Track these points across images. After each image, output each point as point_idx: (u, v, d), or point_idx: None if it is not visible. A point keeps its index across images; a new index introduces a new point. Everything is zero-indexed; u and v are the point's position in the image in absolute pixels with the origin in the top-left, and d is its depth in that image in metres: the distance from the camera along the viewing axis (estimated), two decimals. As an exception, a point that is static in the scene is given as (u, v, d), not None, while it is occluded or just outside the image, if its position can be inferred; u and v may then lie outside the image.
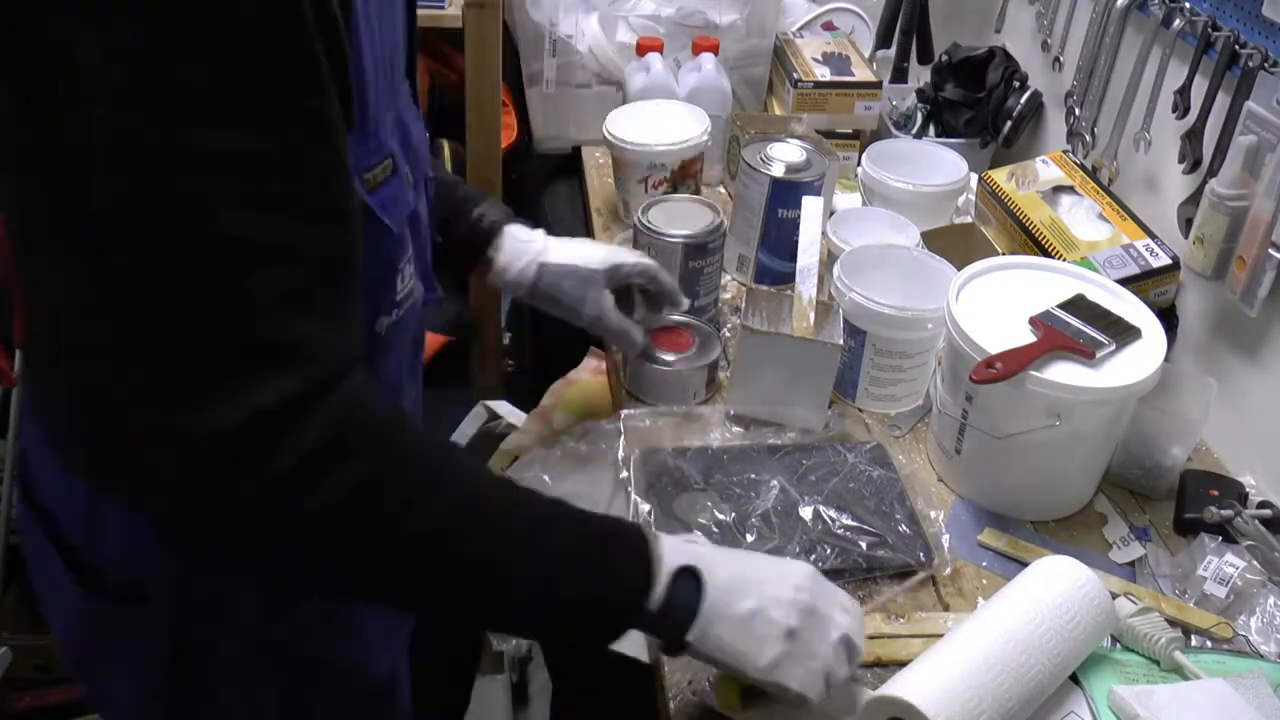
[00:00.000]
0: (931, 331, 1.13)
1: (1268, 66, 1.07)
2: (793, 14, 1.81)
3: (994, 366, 0.97)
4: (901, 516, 1.02)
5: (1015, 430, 1.01)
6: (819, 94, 1.59)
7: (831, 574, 0.96)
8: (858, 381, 1.18)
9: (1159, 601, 0.96)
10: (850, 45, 1.71)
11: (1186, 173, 1.20)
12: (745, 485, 1.04)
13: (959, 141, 1.64)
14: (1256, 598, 0.96)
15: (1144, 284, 1.20)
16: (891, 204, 1.41)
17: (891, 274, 1.19)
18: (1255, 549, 1.00)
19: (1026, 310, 1.04)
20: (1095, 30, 1.38)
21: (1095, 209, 1.30)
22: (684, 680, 0.88)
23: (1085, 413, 1.00)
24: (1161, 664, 0.89)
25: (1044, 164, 1.39)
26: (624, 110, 1.50)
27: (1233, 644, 0.94)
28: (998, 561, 1.01)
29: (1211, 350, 1.20)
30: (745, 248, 1.36)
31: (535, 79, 1.70)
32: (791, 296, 1.14)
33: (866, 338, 1.14)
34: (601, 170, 1.66)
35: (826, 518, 1.01)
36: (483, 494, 0.70)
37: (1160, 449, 1.09)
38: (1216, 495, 1.05)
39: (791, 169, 1.30)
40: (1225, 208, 1.09)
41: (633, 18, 1.68)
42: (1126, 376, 0.99)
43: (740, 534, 0.99)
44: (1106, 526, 1.07)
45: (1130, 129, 1.31)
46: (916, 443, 1.16)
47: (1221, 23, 1.15)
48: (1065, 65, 1.52)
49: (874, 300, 1.12)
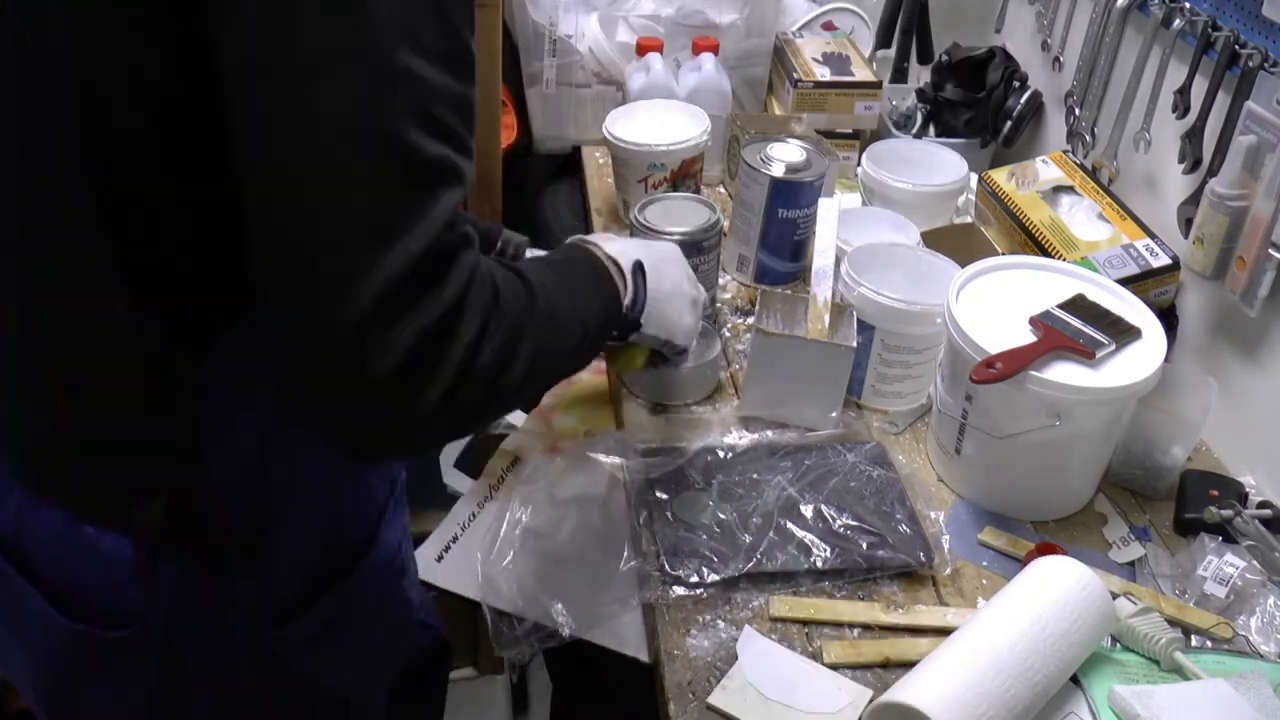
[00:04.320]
0: (939, 326, 1.13)
1: (1268, 66, 1.07)
2: (793, 14, 1.81)
3: (994, 366, 0.97)
4: (901, 516, 1.02)
5: (1015, 430, 1.01)
6: (819, 94, 1.59)
7: (832, 574, 0.97)
8: (864, 379, 1.18)
9: (1159, 601, 0.96)
10: (850, 45, 1.71)
11: (1186, 173, 1.20)
12: (746, 485, 1.04)
13: (959, 141, 1.64)
14: (1256, 598, 0.96)
15: (1144, 284, 1.20)
16: (891, 204, 1.41)
17: (895, 272, 1.19)
18: (1255, 549, 1.00)
19: (1026, 310, 1.04)
20: (1095, 30, 1.38)
21: (1095, 209, 1.30)
22: (684, 680, 0.88)
23: (1085, 413, 1.00)
24: (1162, 664, 0.89)
25: (1044, 164, 1.39)
26: (624, 110, 1.50)
27: (1233, 644, 0.94)
28: (998, 561, 1.01)
29: (1211, 350, 1.20)
30: (745, 248, 1.36)
31: (535, 79, 1.70)
32: (804, 298, 1.14)
33: (874, 333, 1.14)
34: (601, 170, 1.66)
35: (827, 517, 1.01)
36: (549, 302, 0.78)
37: (1160, 449, 1.09)
38: (1216, 495, 1.05)
39: (791, 169, 1.30)
40: (1225, 208, 1.09)
41: (633, 18, 1.68)
42: (1126, 376, 0.99)
43: (741, 533, 0.99)
44: (1106, 526, 1.07)
45: (1130, 129, 1.31)
46: (916, 443, 1.16)
47: (1221, 23, 1.15)
48: (1065, 65, 1.52)
49: (883, 294, 1.12)
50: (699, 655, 0.90)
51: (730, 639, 0.91)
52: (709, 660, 0.89)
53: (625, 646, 1.00)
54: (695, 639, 0.91)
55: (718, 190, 1.62)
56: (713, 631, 0.92)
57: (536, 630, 1.02)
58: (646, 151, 1.42)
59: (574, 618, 1.00)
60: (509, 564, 1.06)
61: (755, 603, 0.95)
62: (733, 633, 0.92)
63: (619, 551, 1.02)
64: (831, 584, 0.97)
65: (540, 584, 1.04)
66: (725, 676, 0.88)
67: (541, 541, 1.09)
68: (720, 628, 0.92)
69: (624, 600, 0.99)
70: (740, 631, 0.92)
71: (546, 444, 1.22)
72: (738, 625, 0.93)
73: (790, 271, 1.37)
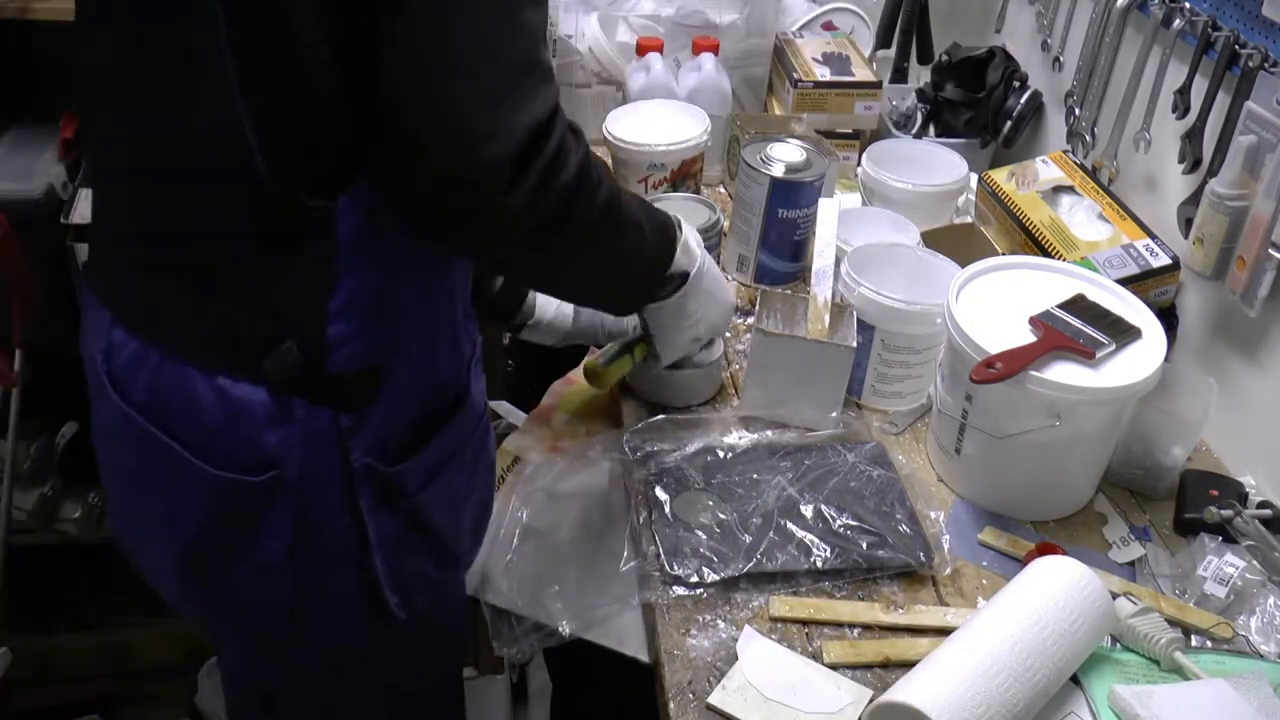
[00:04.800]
0: (939, 326, 1.13)
1: (1268, 66, 1.07)
2: (793, 14, 1.81)
3: (994, 366, 0.97)
4: (901, 516, 1.02)
5: (1015, 430, 1.01)
6: (819, 94, 1.59)
7: (832, 574, 0.97)
8: (864, 379, 1.18)
9: (1159, 601, 0.96)
10: (850, 45, 1.71)
11: (1186, 173, 1.20)
12: (746, 485, 1.04)
13: (959, 141, 1.64)
14: (1256, 598, 0.96)
15: (1144, 284, 1.20)
16: (891, 204, 1.41)
17: (896, 272, 1.19)
18: (1255, 549, 1.00)
19: (1026, 310, 1.04)
20: (1095, 30, 1.38)
21: (1095, 209, 1.30)
22: (684, 680, 0.88)
23: (1085, 413, 1.00)
24: (1162, 664, 0.89)
25: (1044, 164, 1.39)
26: (624, 110, 1.50)
27: (1233, 644, 0.94)
28: (998, 561, 1.01)
29: (1211, 350, 1.20)
30: (745, 248, 1.36)
31: (535, 79, 1.70)
32: (804, 298, 1.14)
33: (874, 333, 1.15)
34: (601, 170, 1.66)
35: (827, 517, 1.01)
36: (624, 198, 0.90)
37: (1160, 449, 1.09)
38: (1216, 495, 1.05)
39: (791, 169, 1.30)
40: (1225, 208, 1.09)
41: (633, 18, 1.68)
42: (1126, 376, 0.99)
43: (741, 533, 0.99)
44: (1106, 526, 1.07)
45: (1130, 129, 1.31)
46: (916, 443, 1.16)
47: (1221, 23, 1.15)
48: (1065, 65, 1.52)
49: (883, 294, 1.12)
50: (699, 655, 0.90)
51: (730, 639, 0.91)
52: (709, 660, 0.90)
53: (625, 646, 1.00)
54: (695, 639, 0.91)
55: (718, 190, 1.62)
56: (713, 631, 0.92)
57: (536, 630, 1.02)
58: (646, 151, 1.42)
59: (574, 618, 1.01)
60: (509, 563, 1.07)
61: (755, 603, 0.95)
62: (733, 633, 0.92)
63: (619, 551, 1.02)
64: (831, 584, 0.97)
65: (540, 583, 1.04)
66: (725, 676, 0.88)
67: (541, 541, 1.09)
68: (720, 628, 0.92)
69: (624, 600, 0.99)
70: (740, 631, 0.92)
71: (546, 444, 1.22)
72: (738, 625, 0.93)
73: (790, 271, 1.37)
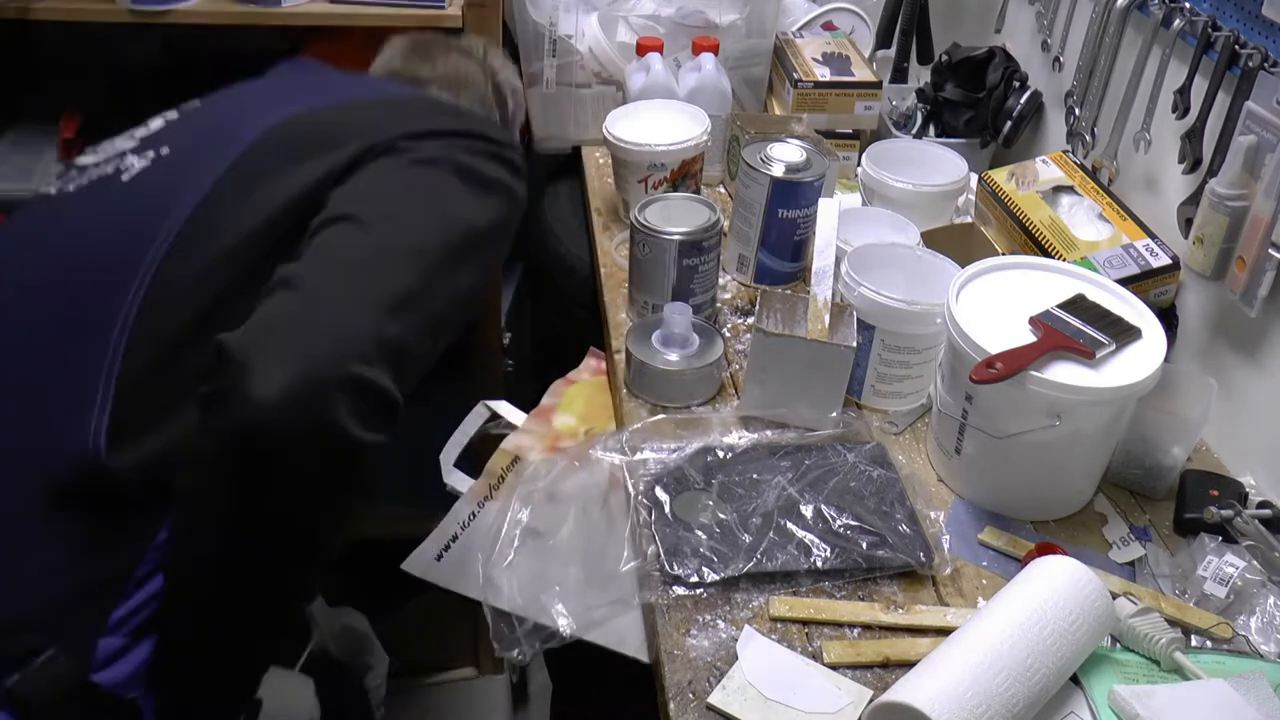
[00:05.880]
0: (939, 326, 1.13)
1: (1268, 66, 1.07)
2: (793, 14, 1.81)
3: (994, 366, 0.97)
4: (901, 516, 1.02)
5: (1015, 430, 1.01)
6: (819, 94, 1.59)
7: (832, 574, 0.97)
8: (864, 379, 1.18)
9: (1159, 601, 0.96)
10: (850, 45, 1.71)
11: (1186, 173, 1.20)
12: (746, 485, 1.04)
13: (959, 141, 1.64)
14: (1256, 598, 0.96)
15: (1144, 284, 1.20)
16: (891, 204, 1.41)
17: (896, 272, 1.19)
18: (1255, 549, 1.00)
19: (1026, 310, 1.04)
20: (1095, 30, 1.38)
21: (1095, 209, 1.30)
22: (684, 680, 0.88)
23: (1085, 413, 1.00)
24: (1162, 664, 0.89)
25: (1044, 164, 1.39)
26: (624, 110, 1.50)
27: (1233, 644, 0.94)
28: (998, 561, 1.01)
29: (1211, 350, 1.20)
30: (745, 248, 1.36)
31: (535, 79, 1.70)
32: (804, 298, 1.14)
33: (875, 333, 1.14)
34: (601, 170, 1.66)
35: (827, 517, 1.01)
36: None
37: (1160, 449, 1.09)
38: (1216, 495, 1.05)
39: (791, 169, 1.30)
40: (1225, 208, 1.09)
41: (633, 18, 1.68)
42: (1126, 376, 0.99)
43: (740, 533, 0.99)
44: (1106, 526, 1.07)
45: (1130, 129, 1.31)
46: (916, 443, 1.16)
47: (1221, 23, 1.15)
48: (1065, 65, 1.52)
49: (883, 294, 1.12)
50: (699, 655, 0.90)
51: (730, 639, 0.91)
52: (709, 660, 0.90)
53: (625, 646, 1.00)
54: (695, 639, 0.91)
55: (718, 190, 1.62)
56: (713, 631, 0.92)
57: (537, 630, 1.02)
58: (646, 151, 1.42)
59: (574, 618, 1.00)
60: (509, 564, 1.06)
61: (755, 603, 0.95)
62: (733, 633, 0.92)
63: (619, 551, 1.02)
64: (831, 584, 0.97)
65: (540, 584, 1.04)
66: (725, 676, 0.88)
67: (541, 541, 1.09)
68: (720, 628, 0.92)
69: (624, 600, 0.99)
70: (740, 631, 0.92)
71: (546, 444, 1.22)
72: (738, 625, 0.93)
73: (790, 271, 1.37)
